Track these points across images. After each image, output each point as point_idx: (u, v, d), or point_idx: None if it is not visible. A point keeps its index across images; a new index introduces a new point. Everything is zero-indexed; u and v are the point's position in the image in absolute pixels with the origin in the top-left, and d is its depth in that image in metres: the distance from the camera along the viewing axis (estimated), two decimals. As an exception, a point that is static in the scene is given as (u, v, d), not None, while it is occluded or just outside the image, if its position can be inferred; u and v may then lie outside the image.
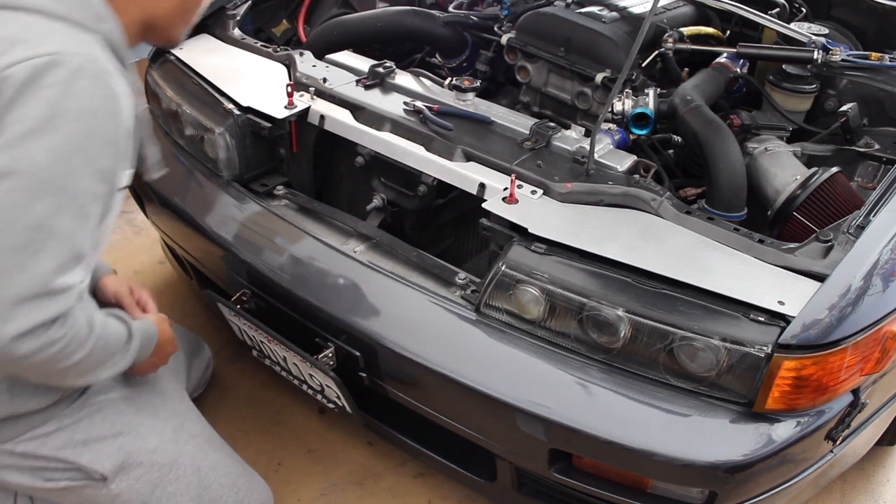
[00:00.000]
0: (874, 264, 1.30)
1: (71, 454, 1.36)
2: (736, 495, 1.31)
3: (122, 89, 1.15)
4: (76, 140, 1.07)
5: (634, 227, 1.43)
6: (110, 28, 1.18)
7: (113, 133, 1.12)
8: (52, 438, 1.34)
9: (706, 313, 1.28)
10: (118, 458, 1.39)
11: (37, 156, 1.05)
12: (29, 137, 1.05)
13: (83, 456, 1.37)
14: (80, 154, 1.08)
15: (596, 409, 1.30)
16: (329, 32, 2.17)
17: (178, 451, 1.47)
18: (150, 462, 1.43)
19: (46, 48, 1.07)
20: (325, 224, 1.70)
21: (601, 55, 1.90)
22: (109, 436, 1.40)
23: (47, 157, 1.05)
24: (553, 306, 1.36)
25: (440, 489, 1.88)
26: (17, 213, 1.04)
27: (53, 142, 1.05)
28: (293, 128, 1.83)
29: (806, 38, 1.89)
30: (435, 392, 1.46)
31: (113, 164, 1.14)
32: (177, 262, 2.16)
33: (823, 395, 1.27)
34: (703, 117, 1.67)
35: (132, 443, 1.42)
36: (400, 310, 1.49)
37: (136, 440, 1.42)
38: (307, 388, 1.68)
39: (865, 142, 1.74)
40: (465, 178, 1.59)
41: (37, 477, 1.36)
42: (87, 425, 1.38)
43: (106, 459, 1.38)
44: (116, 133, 1.13)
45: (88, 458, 1.37)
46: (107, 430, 1.40)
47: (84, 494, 1.41)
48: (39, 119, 1.05)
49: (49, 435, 1.34)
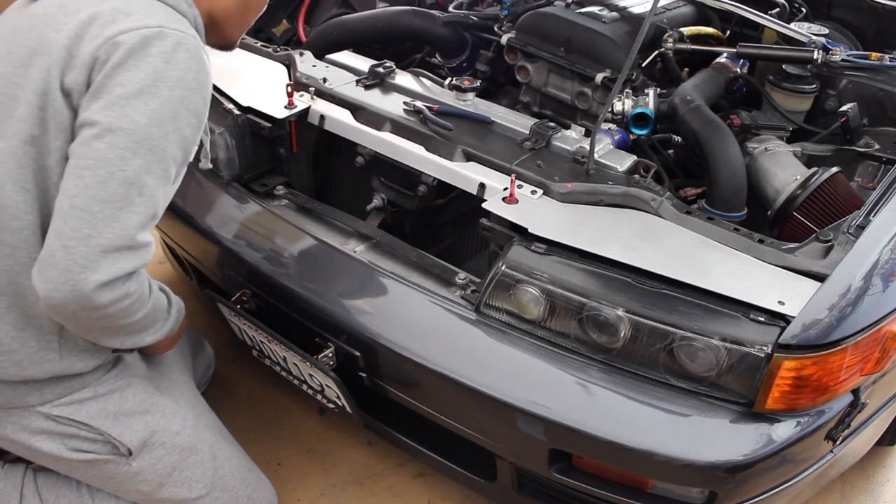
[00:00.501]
0: (874, 264, 1.30)
1: (103, 424, 1.38)
2: (736, 495, 1.31)
3: (209, 67, 1.25)
4: (171, 106, 1.17)
5: (634, 227, 1.43)
6: (196, 14, 1.31)
7: (199, 105, 1.23)
8: (87, 405, 1.37)
9: (706, 313, 1.28)
10: (144, 434, 1.42)
11: (138, 116, 1.14)
12: (133, 99, 1.14)
13: (114, 427, 1.39)
14: (173, 119, 1.18)
15: (596, 409, 1.30)
16: (329, 32, 2.17)
17: (197, 437, 1.50)
18: (173, 444, 1.46)
19: (153, 21, 1.19)
20: (325, 224, 1.70)
21: (601, 55, 1.90)
22: (139, 411, 1.42)
23: (147, 118, 1.14)
24: (553, 306, 1.36)
25: (440, 489, 1.89)
26: (116, 167, 1.13)
27: (153, 105, 1.15)
28: (293, 128, 1.83)
29: (806, 38, 1.89)
30: (435, 392, 1.46)
31: (194, 134, 1.24)
32: (177, 262, 2.16)
33: (823, 395, 1.27)
34: (703, 117, 1.67)
35: (158, 422, 1.44)
36: (400, 310, 1.48)
37: (161, 420, 1.45)
38: (307, 388, 1.68)
39: (865, 142, 1.74)
40: (465, 178, 1.59)
41: (65, 446, 1.38)
42: (119, 398, 1.40)
43: (133, 435, 1.41)
44: (201, 105, 1.23)
45: (119, 430, 1.39)
46: (137, 406, 1.42)
47: (105, 469, 1.43)
48: (144, 83, 1.15)
49: (85, 402, 1.36)
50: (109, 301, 1.13)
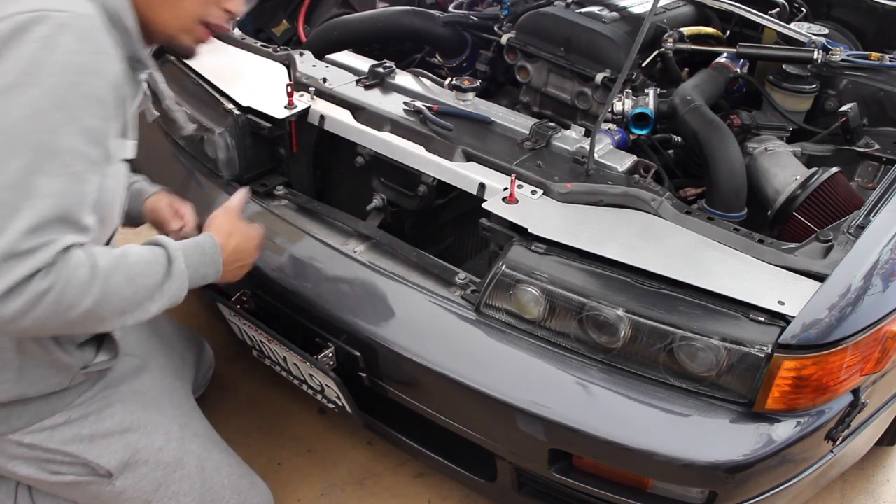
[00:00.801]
0: (874, 264, 1.30)
1: (77, 448, 1.35)
2: (736, 495, 1.31)
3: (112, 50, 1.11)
4: (58, 94, 1.03)
5: (634, 227, 1.43)
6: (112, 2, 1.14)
7: (101, 91, 1.08)
8: (60, 431, 1.34)
9: (706, 313, 1.28)
10: (124, 455, 1.39)
11: (13, 111, 1.01)
12: (6, 92, 1.01)
13: (90, 451, 1.36)
14: (62, 110, 1.04)
15: (596, 409, 1.29)
16: (329, 32, 2.17)
17: (183, 450, 1.47)
18: (156, 460, 1.43)
19: (34, 4, 1.04)
20: (325, 224, 1.70)
21: (601, 55, 1.89)
22: (117, 432, 1.39)
23: (24, 111, 1.01)
24: (553, 306, 1.36)
25: (440, 489, 1.88)
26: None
27: (31, 96, 1.02)
28: (293, 128, 1.83)
29: (806, 38, 1.89)
30: (435, 392, 1.46)
31: (102, 125, 1.09)
32: (177, 262, 2.16)
33: (823, 395, 1.27)
34: (703, 117, 1.67)
35: (139, 440, 1.41)
36: (400, 310, 1.48)
37: (143, 438, 1.42)
38: (307, 388, 1.68)
39: (865, 142, 1.74)
40: (465, 178, 1.59)
41: (43, 470, 1.36)
42: (96, 420, 1.37)
43: (112, 456, 1.38)
44: (104, 91, 1.09)
45: (95, 453, 1.37)
46: (115, 426, 1.39)
47: (88, 490, 1.42)
48: (18, 73, 1.01)
49: (56, 427, 1.33)
50: (21, 308, 1.00)
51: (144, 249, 1.19)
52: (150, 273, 1.17)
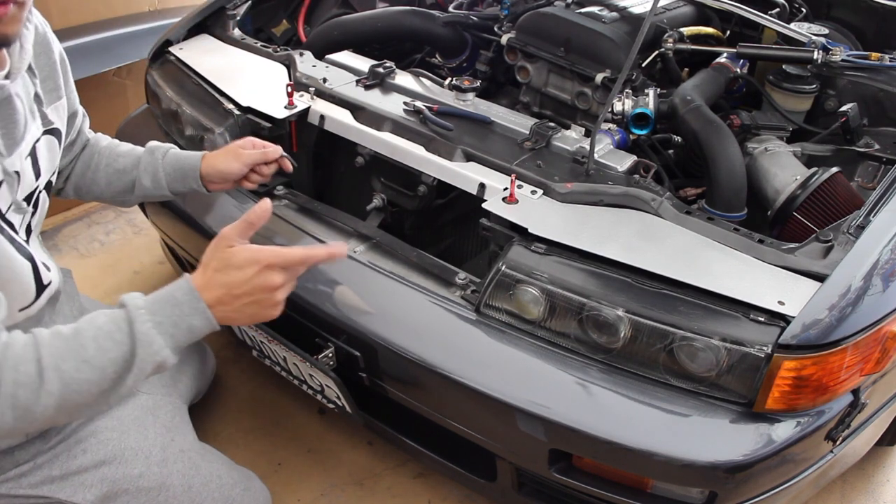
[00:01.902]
0: (874, 264, 1.30)
1: (49, 490, 1.30)
2: (736, 495, 1.31)
3: None
4: None
5: (634, 227, 1.43)
6: None
7: None
8: (28, 477, 1.29)
9: (706, 313, 1.28)
10: (101, 488, 1.33)
11: None
12: None
13: (63, 490, 1.31)
14: None
15: (596, 409, 1.29)
16: (329, 32, 2.17)
17: (166, 472, 1.41)
18: (137, 488, 1.37)
19: None
20: (325, 224, 1.70)
21: (601, 55, 1.90)
22: (91, 467, 1.33)
23: None
24: (553, 306, 1.36)
25: (440, 489, 1.88)
26: None
27: None
28: (293, 128, 1.83)
29: (806, 38, 1.89)
30: (435, 392, 1.46)
31: None
32: (177, 262, 2.16)
33: (823, 396, 1.27)
34: (703, 117, 1.67)
35: (115, 471, 1.35)
36: (400, 310, 1.48)
37: (119, 468, 1.36)
38: (307, 388, 1.68)
39: (865, 142, 1.74)
40: (465, 178, 1.59)
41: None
42: (66, 459, 1.32)
43: (87, 491, 1.32)
44: None
45: (69, 491, 1.31)
46: (88, 462, 1.33)
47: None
48: None
49: (24, 475, 1.28)
50: None
51: (104, 318, 1.03)
52: (112, 345, 1.01)
